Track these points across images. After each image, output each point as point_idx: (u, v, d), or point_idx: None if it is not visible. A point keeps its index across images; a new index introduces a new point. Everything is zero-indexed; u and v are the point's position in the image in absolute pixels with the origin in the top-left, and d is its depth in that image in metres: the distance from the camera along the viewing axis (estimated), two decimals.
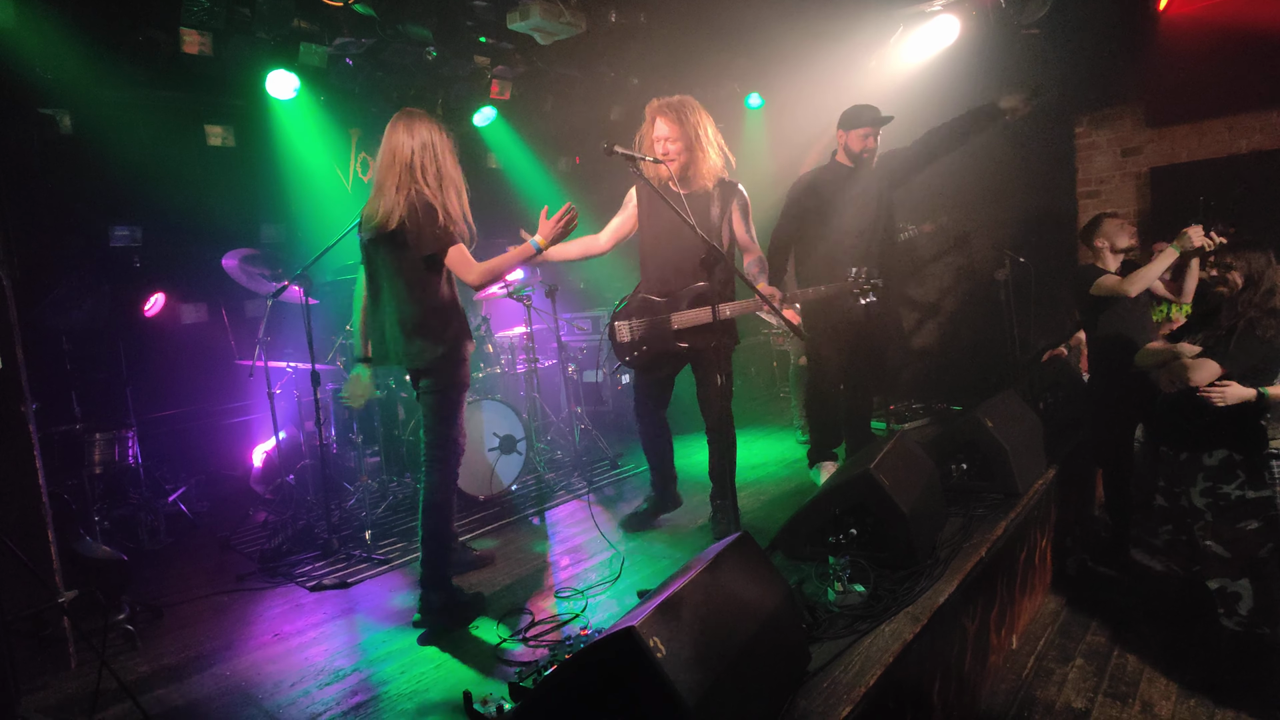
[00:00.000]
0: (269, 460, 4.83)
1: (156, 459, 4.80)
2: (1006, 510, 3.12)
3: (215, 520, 4.63)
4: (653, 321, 3.43)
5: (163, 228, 5.07)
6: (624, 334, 3.51)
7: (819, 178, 3.95)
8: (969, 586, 2.62)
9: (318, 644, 2.89)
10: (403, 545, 3.87)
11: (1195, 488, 3.14)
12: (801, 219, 3.91)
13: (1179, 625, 3.26)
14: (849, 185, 3.88)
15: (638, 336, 3.48)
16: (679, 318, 3.37)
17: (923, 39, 5.52)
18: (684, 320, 3.35)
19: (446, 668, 2.60)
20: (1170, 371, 3.17)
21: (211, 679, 2.69)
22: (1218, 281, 3.11)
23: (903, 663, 2.16)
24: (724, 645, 1.81)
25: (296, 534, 4.01)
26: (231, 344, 4.92)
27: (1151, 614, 3.39)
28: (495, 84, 5.94)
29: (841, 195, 3.87)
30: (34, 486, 2.78)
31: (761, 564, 2.14)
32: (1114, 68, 5.25)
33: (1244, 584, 3.05)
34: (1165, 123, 5.19)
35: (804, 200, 3.92)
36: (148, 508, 4.37)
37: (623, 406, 6.17)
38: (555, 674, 1.79)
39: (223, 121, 5.30)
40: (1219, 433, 3.08)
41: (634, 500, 4.32)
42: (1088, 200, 5.54)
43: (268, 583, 3.57)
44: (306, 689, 2.55)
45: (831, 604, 2.42)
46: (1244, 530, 3.04)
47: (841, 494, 2.76)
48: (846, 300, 3.70)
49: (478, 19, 5.07)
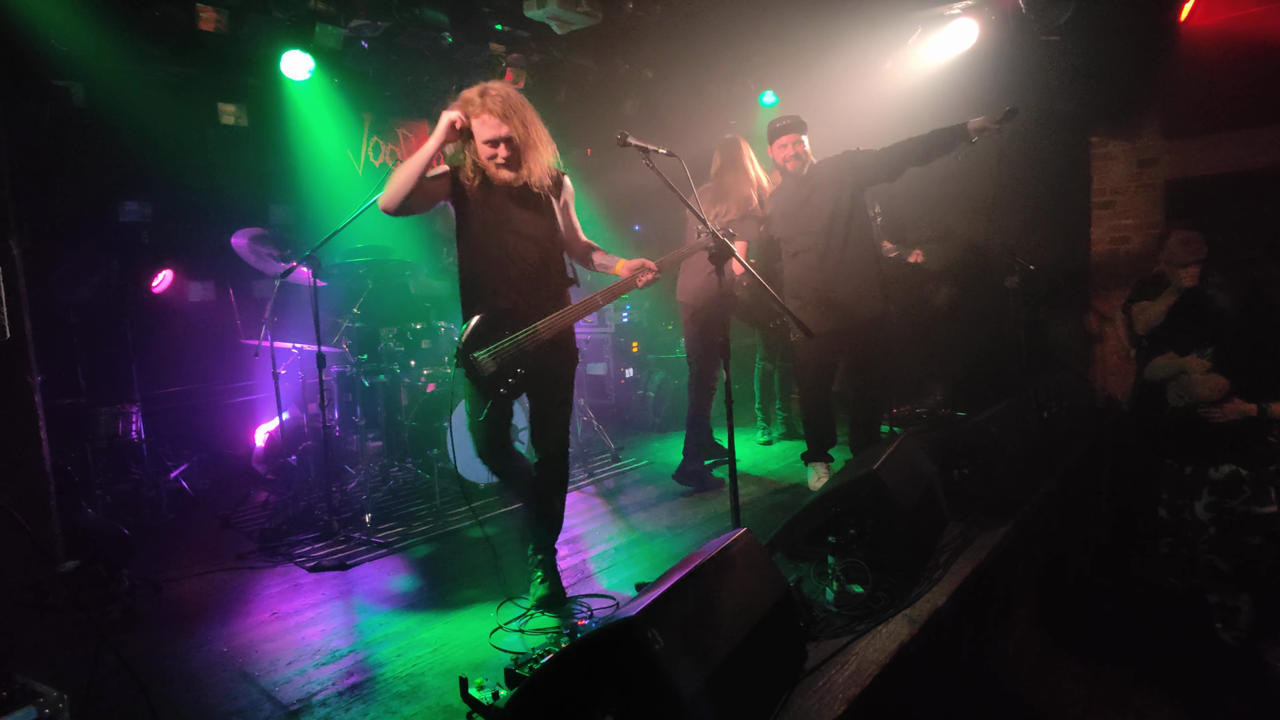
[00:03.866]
0: (271, 440, 4.84)
1: (160, 435, 4.81)
2: (1007, 517, 3.11)
3: (216, 498, 4.64)
4: (518, 339, 2.78)
5: (173, 204, 5.07)
6: (489, 365, 2.75)
7: (777, 192, 4.09)
8: (967, 591, 2.62)
9: (315, 624, 2.90)
10: (402, 529, 3.88)
11: (1200, 501, 3.14)
12: (772, 231, 4.09)
13: (1176, 637, 3.26)
14: (793, 195, 3.94)
15: (507, 360, 2.77)
16: (547, 325, 2.80)
17: (941, 42, 5.49)
18: (551, 327, 2.81)
19: (443, 652, 2.61)
20: (1179, 385, 3.17)
21: (208, 655, 2.70)
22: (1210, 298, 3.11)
23: (899, 665, 2.15)
24: (721, 640, 1.81)
25: (297, 515, 4.02)
26: (238, 323, 4.92)
27: (1149, 625, 3.39)
28: (510, 72, 5.92)
29: (789, 205, 3.96)
30: (39, 458, 2.79)
31: (761, 561, 2.14)
32: (1133, 77, 5.21)
33: (1244, 599, 3.05)
34: (1183, 135, 5.15)
35: (772, 214, 4.08)
36: (150, 483, 4.38)
37: (625, 400, 6.17)
38: (552, 662, 1.79)
39: (236, 100, 5.30)
40: (1226, 447, 3.07)
41: (636, 494, 4.33)
42: (1101, 210, 5.51)
43: (267, 562, 3.58)
44: (303, 668, 2.56)
45: (829, 603, 2.42)
46: (1247, 545, 3.03)
47: (843, 494, 2.75)
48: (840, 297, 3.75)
49: (494, 5, 5.06)
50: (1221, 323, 3.12)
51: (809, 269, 3.86)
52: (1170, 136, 5.20)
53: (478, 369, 2.72)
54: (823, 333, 3.84)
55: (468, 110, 2.64)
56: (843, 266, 3.81)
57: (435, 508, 4.14)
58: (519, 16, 4.86)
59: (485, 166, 2.71)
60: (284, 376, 4.35)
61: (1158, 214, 5.22)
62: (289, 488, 4.31)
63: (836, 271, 3.81)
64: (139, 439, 4.42)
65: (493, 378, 2.72)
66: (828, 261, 3.81)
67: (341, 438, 4.72)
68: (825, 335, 3.84)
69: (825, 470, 4.12)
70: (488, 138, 2.64)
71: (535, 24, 5.02)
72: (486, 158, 2.68)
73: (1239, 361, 3.02)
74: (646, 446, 5.44)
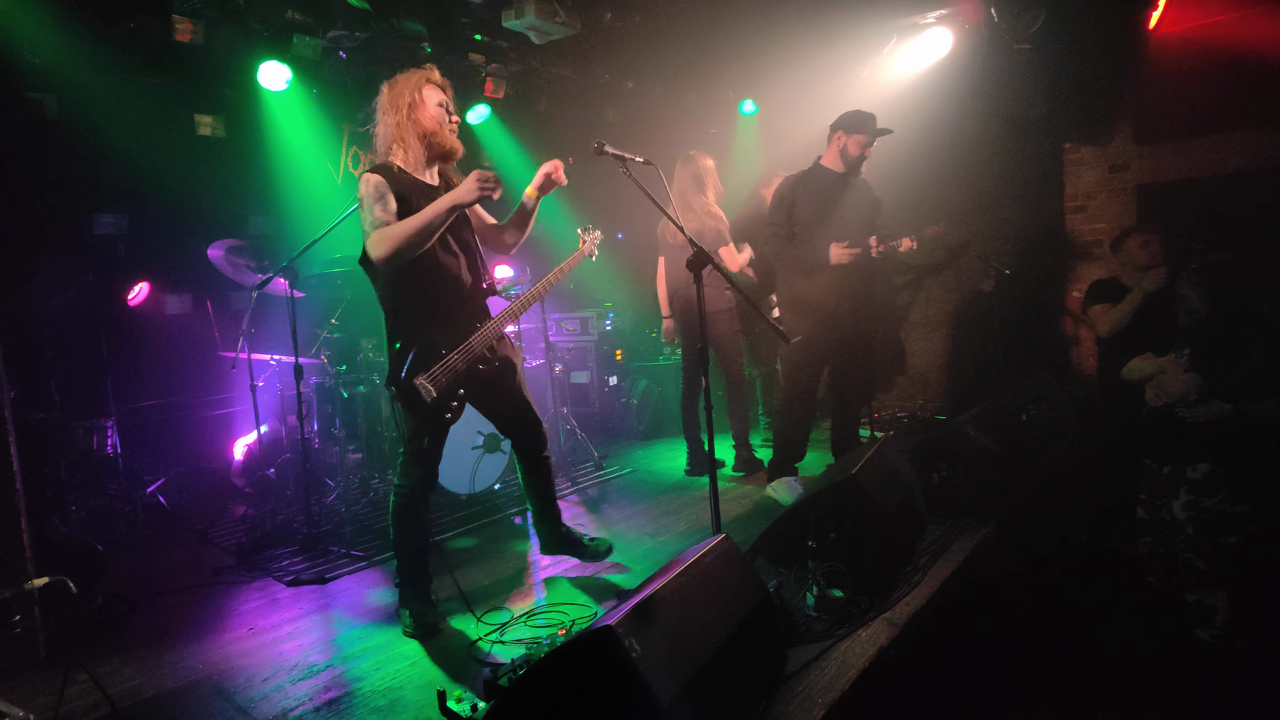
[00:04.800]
0: (250, 454, 4.79)
1: (136, 449, 4.74)
2: (987, 519, 3.13)
3: (194, 513, 4.58)
4: (467, 351, 2.77)
5: (149, 216, 5.01)
6: (436, 386, 2.67)
7: (809, 181, 3.89)
8: (946, 592, 2.63)
9: (293, 639, 2.86)
10: (381, 542, 3.84)
11: (1178, 501, 3.17)
12: (791, 220, 3.87)
13: (1155, 637, 3.28)
14: (843, 191, 3.85)
15: (457, 375, 2.74)
16: (480, 339, 2.82)
17: (915, 51, 5.56)
18: (484, 338, 2.83)
19: (422, 665, 2.58)
20: (1156, 385, 3.21)
21: (183, 672, 2.65)
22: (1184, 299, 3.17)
23: (879, 667, 2.16)
24: (700, 646, 1.81)
25: (275, 528, 3.97)
26: (215, 335, 4.87)
27: (1128, 626, 3.41)
28: (490, 82, 5.93)
29: (836, 200, 3.83)
30: (8, 473, 2.74)
31: (740, 567, 2.14)
32: (1104, 84, 5.31)
33: (1220, 597, 3.08)
34: (1153, 140, 5.24)
35: (798, 201, 3.85)
36: (126, 499, 4.32)
37: (609, 408, 6.16)
38: (530, 672, 1.78)
39: (213, 111, 5.25)
40: (1203, 447, 3.11)
41: (619, 502, 4.31)
42: (1075, 215, 5.59)
43: (244, 576, 3.54)
44: (279, 684, 2.52)
45: (810, 608, 2.42)
46: (1224, 544, 3.07)
47: (824, 499, 2.76)
48: (828, 304, 3.74)
49: (473, 16, 5.06)
50: (1196, 324, 3.16)
51: (833, 270, 3.78)
52: (1141, 142, 5.29)
53: (418, 395, 2.64)
54: (828, 339, 3.86)
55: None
56: (863, 276, 3.85)
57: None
58: (498, 27, 4.87)
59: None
60: (262, 389, 4.31)
61: (1130, 218, 5.31)
62: (267, 501, 4.26)
63: (856, 279, 3.82)
64: (114, 453, 4.35)
65: (435, 404, 2.66)
66: (853, 270, 3.79)
67: (321, 450, 4.67)
68: (829, 341, 3.86)
69: (795, 485, 4.09)
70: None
71: (514, 34, 5.04)
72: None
73: (1214, 362, 3.07)
74: (630, 454, 5.43)
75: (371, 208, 2.57)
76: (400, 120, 2.70)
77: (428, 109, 2.73)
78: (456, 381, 2.72)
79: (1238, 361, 3.02)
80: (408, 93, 2.72)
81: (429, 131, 2.73)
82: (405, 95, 2.72)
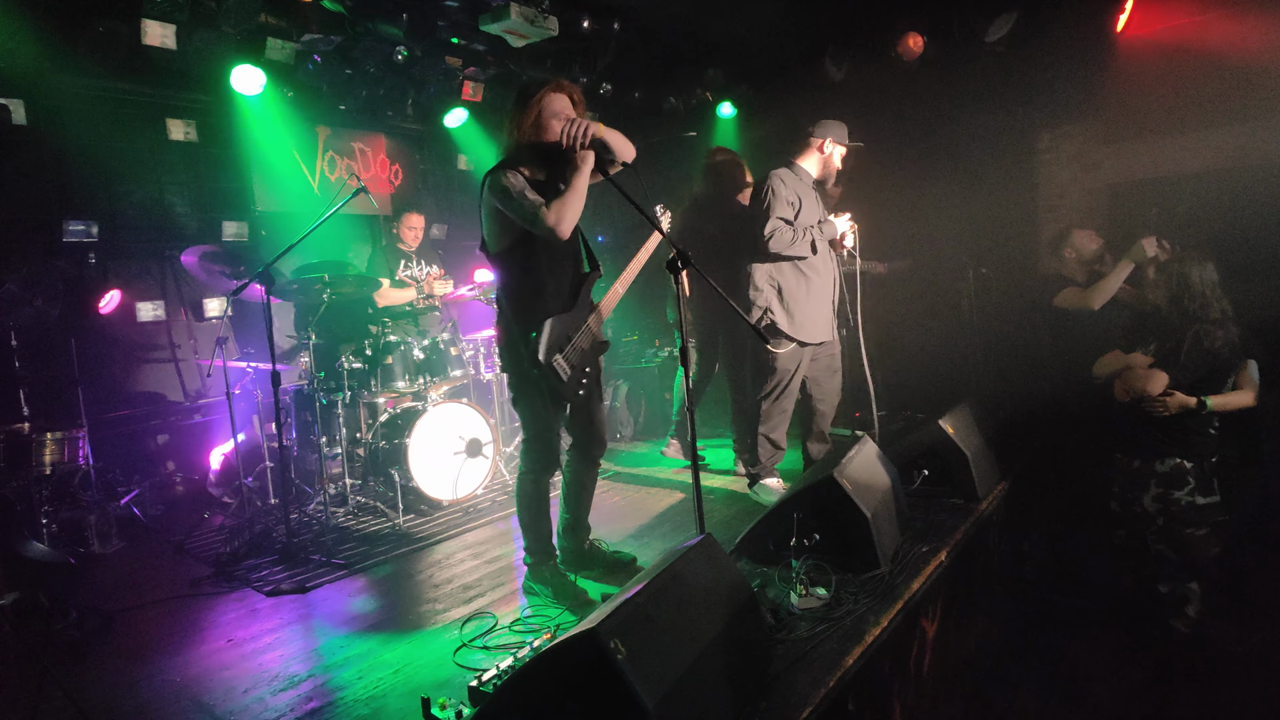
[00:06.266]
0: (227, 463, 4.72)
1: (109, 460, 4.65)
2: (966, 515, 3.17)
3: (170, 524, 4.50)
4: (588, 333, 2.95)
5: (120, 223, 4.93)
6: (570, 365, 2.85)
7: (795, 180, 3.79)
8: (929, 590, 2.66)
9: (273, 649, 2.82)
10: (364, 550, 3.80)
11: (1148, 494, 3.23)
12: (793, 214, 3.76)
13: (1131, 627, 3.34)
14: (817, 198, 3.87)
15: (584, 355, 2.93)
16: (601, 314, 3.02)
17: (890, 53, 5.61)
18: (605, 312, 3.06)
19: (405, 673, 2.56)
20: (1124, 381, 3.27)
21: (161, 685, 2.60)
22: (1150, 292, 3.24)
23: (863, 664, 2.17)
24: (685, 647, 1.81)
25: (254, 538, 3.92)
26: (191, 343, 4.80)
27: (1105, 617, 3.47)
28: (467, 85, 5.91)
29: (812, 205, 3.83)
30: None
31: (724, 566, 2.14)
32: (1075, 85, 5.41)
33: (1192, 587, 3.14)
34: (1123, 140, 5.35)
35: (793, 196, 3.74)
36: (99, 510, 4.22)
37: None
38: (515, 677, 1.77)
39: (185, 116, 5.19)
40: (1171, 441, 3.17)
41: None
42: (1048, 214, 5.69)
43: (223, 587, 3.48)
44: (260, 695, 2.49)
45: (794, 607, 2.44)
46: (1193, 536, 3.13)
47: (806, 498, 2.77)
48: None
49: (450, 19, 5.05)
50: (1160, 320, 3.23)
51: (818, 274, 3.83)
52: (1111, 142, 5.40)
53: (557, 373, 2.77)
54: (815, 343, 3.91)
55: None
56: (837, 280, 3.93)
57: (397, 526, 4.07)
58: (475, 30, 4.86)
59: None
60: (239, 397, 4.25)
61: (1101, 216, 5.41)
62: (246, 510, 4.20)
63: (832, 282, 3.89)
64: (86, 465, 4.27)
65: (569, 382, 2.81)
66: (831, 273, 3.86)
67: (300, 458, 4.62)
68: (813, 346, 3.91)
69: (778, 483, 4.09)
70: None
71: (491, 37, 5.03)
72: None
73: (1178, 357, 3.13)
74: (613, 456, 5.43)
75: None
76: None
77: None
78: (583, 361, 2.88)
79: (1200, 356, 3.09)
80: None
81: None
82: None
